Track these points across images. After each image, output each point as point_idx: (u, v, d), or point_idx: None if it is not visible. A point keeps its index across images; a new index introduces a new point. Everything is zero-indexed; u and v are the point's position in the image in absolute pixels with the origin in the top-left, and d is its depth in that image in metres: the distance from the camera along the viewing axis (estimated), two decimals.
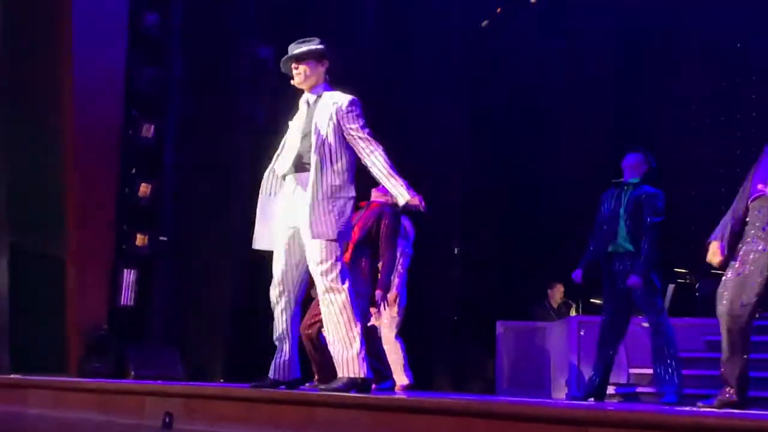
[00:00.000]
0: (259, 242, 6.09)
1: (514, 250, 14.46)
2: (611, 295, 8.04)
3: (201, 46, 11.54)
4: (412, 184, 5.75)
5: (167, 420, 5.34)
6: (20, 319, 9.65)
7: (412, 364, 9.73)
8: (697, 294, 10.37)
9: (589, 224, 8.42)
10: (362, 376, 5.44)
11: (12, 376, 8.20)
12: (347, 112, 5.79)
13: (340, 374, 5.48)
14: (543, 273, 12.49)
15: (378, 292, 7.49)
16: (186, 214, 11.37)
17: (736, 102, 13.28)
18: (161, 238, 11.19)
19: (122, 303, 10.76)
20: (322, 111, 5.84)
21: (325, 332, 5.64)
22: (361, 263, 7.50)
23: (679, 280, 10.70)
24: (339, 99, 5.86)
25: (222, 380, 10.57)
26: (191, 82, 11.50)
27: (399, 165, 7.69)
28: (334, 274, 5.59)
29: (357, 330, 5.53)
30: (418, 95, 13.40)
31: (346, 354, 5.48)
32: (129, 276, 10.80)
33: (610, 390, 8.69)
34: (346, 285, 5.61)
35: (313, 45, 5.97)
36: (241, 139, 11.40)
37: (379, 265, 7.57)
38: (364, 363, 5.48)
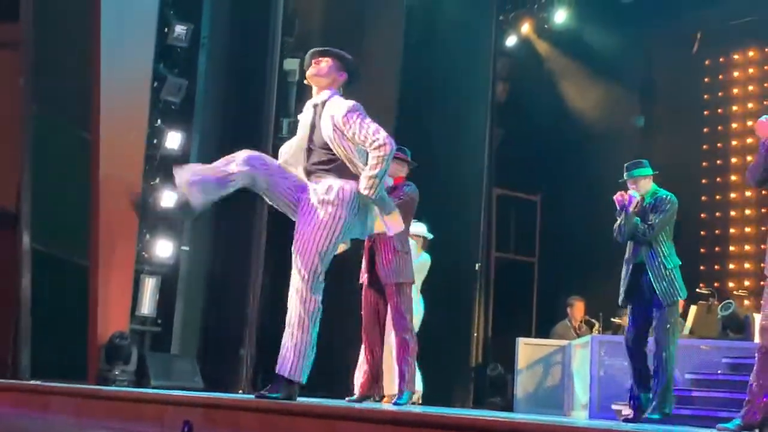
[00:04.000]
0: None
1: (536, 267, 14.46)
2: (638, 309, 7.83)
3: (227, 58, 11.59)
4: (435, 199, 5.71)
5: (186, 429, 5.34)
6: (42, 325, 9.68)
7: (432, 378, 9.70)
8: (719, 316, 10.30)
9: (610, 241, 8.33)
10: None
11: (32, 382, 8.22)
12: (348, 120, 5.49)
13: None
14: (566, 290, 12.45)
15: None
16: (209, 224, 11.39)
17: None
18: (183, 247, 11.24)
19: (143, 311, 10.81)
20: (325, 123, 5.58)
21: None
22: None
23: (701, 302, 10.63)
24: (336, 109, 5.57)
25: (242, 391, 10.57)
26: (217, 93, 11.56)
27: (422, 179, 7.64)
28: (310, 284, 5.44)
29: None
30: (443, 114, 13.40)
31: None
32: (151, 285, 10.85)
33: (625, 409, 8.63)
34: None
35: (345, 54, 5.83)
36: (265, 149, 11.42)
37: None
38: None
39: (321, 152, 5.61)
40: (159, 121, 11.12)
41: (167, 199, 11.01)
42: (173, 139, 11.13)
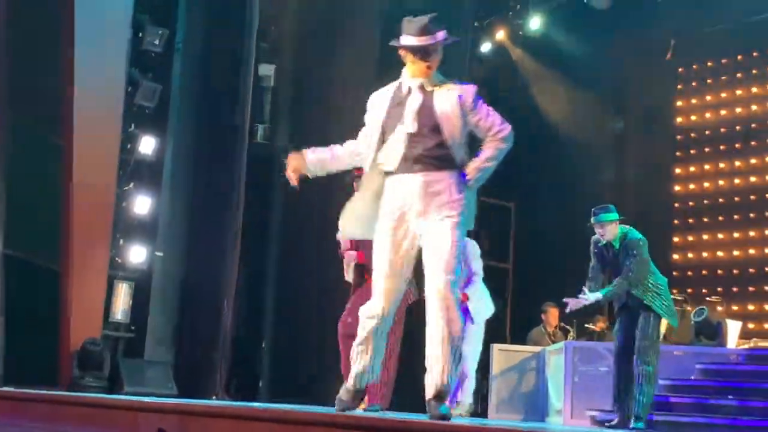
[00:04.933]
0: (356, 232, 5.51)
1: (511, 273, 14.48)
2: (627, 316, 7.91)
3: (202, 63, 11.55)
4: None
5: None
6: (13, 331, 9.61)
7: (407, 385, 9.67)
8: (692, 322, 10.35)
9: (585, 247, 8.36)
10: None
11: (4, 388, 8.15)
12: (476, 105, 5.23)
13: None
14: (540, 296, 12.46)
15: None
16: (183, 229, 11.34)
17: None
18: (157, 252, 11.18)
19: (117, 317, 10.74)
20: (441, 104, 5.22)
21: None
22: None
23: (675, 308, 10.67)
24: (459, 90, 5.25)
25: (215, 397, 10.53)
26: (191, 98, 11.51)
27: None
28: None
29: None
30: None
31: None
32: (124, 290, 10.79)
33: (598, 415, 8.67)
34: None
35: (440, 35, 5.44)
36: (239, 154, 11.39)
37: None
38: None
39: (430, 137, 5.23)
40: (133, 125, 11.07)
41: (140, 204, 10.97)
42: (147, 144, 11.08)
